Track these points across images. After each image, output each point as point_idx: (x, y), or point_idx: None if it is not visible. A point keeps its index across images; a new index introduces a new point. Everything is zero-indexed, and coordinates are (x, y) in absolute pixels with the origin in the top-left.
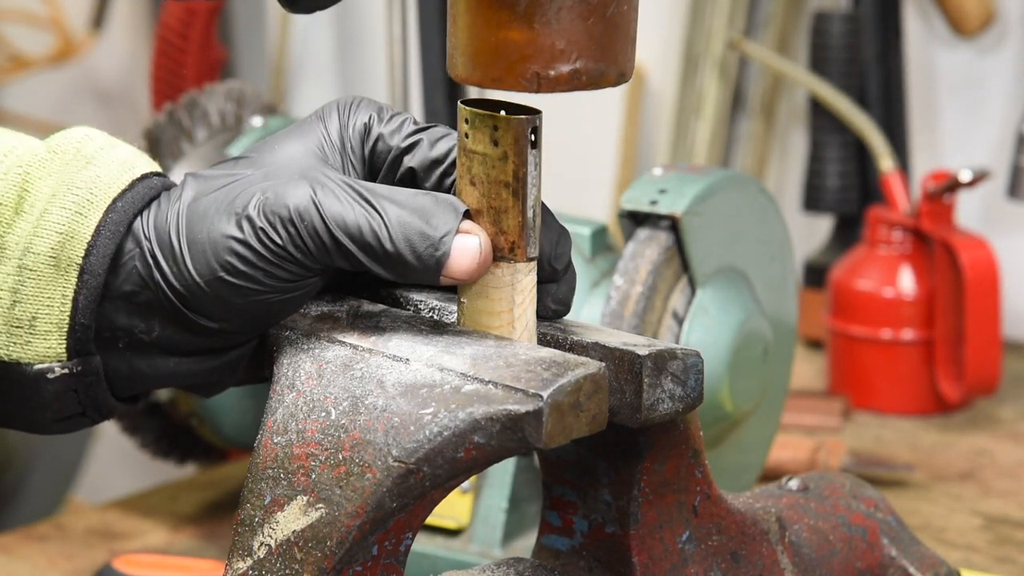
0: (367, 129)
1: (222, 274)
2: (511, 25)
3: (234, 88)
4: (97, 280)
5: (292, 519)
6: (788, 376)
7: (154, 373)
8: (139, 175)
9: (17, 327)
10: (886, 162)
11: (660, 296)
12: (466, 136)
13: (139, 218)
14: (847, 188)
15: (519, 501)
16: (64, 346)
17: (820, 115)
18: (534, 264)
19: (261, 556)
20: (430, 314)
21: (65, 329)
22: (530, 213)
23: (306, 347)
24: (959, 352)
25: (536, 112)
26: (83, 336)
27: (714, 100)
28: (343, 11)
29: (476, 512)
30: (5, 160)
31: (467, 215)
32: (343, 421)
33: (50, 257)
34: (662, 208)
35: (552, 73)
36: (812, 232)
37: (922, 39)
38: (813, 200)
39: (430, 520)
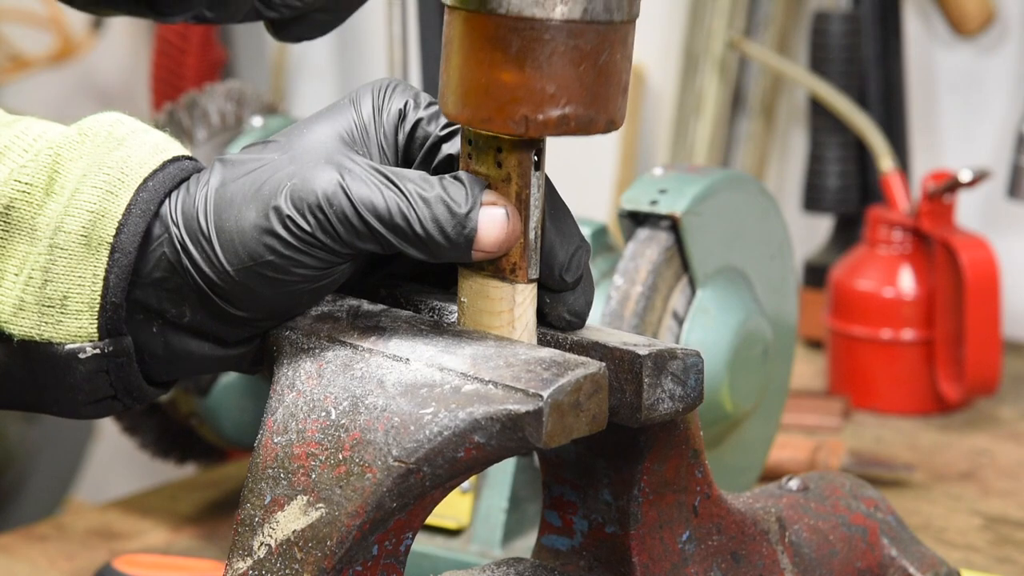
0: (402, 115)
1: (251, 264)
2: (503, 67)
3: (234, 88)
4: (128, 259)
5: (292, 519)
6: (788, 376)
7: (189, 357)
8: (170, 157)
9: (49, 307)
10: (886, 162)
11: (660, 296)
12: (469, 157)
13: (167, 202)
14: (847, 188)
15: (519, 501)
16: (95, 326)
17: (820, 115)
18: (535, 283)
19: (261, 556)
20: (430, 314)
21: (96, 308)
22: (532, 235)
23: (306, 347)
24: (959, 352)
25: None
26: (114, 315)
27: (714, 100)
28: None
29: (476, 512)
30: (36, 143)
31: (488, 187)
32: (343, 421)
33: (81, 236)
34: (662, 208)
35: (541, 117)
36: (812, 232)
37: (922, 39)
38: (813, 200)
39: (430, 520)
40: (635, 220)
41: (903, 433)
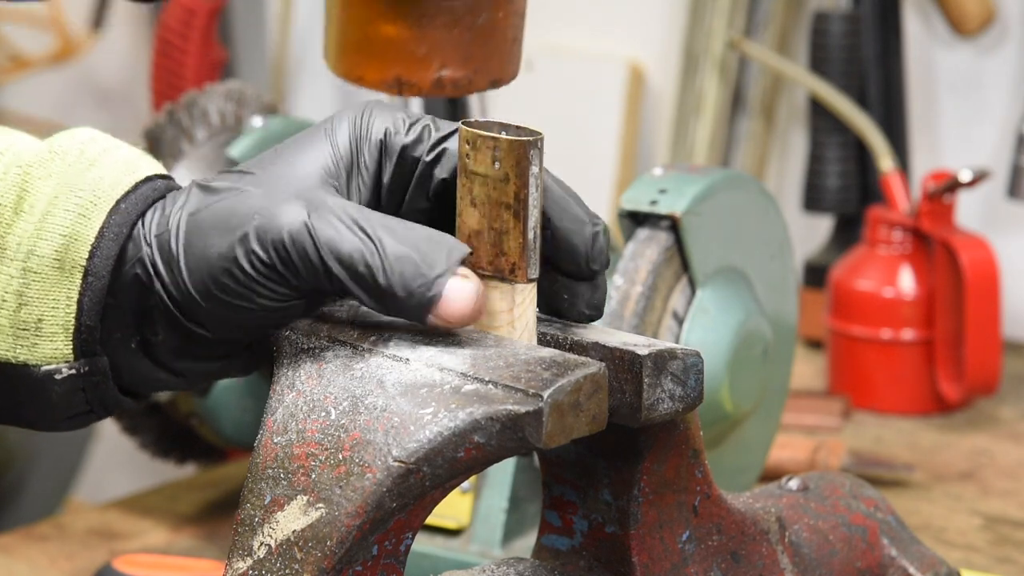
0: (383, 144)
1: (215, 291)
2: (377, 25)
3: (234, 88)
4: (101, 282)
5: (292, 519)
6: (788, 376)
7: (167, 373)
8: (143, 177)
9: (24, 330)
10: (886, 162)
11: (660, 296)
12: (467, 157)
13: (141, 222)
14: (847, 188)
15: (519, 501)
16: (71, 347)
17: (820, 115)
18: (534, 283)
19: (261, 556)
20: None
21: (71, 331)
22: (531, 235)
23: (306, 347)
24: (959, 352)
25: (538, 134)
26: (89, 337)
27: (714, 100)
28: None
29: (476, 512)
30: (2, 158)
31: (467, 259)
32: (343, 421)
33: (54, 260)
34: (662, 208)
35: (414, 79)
36: (812, 232)
37: (922, 39)
38: (813, 200)
39: (430, 520)
40: (635, 220)
41: (903, 433)
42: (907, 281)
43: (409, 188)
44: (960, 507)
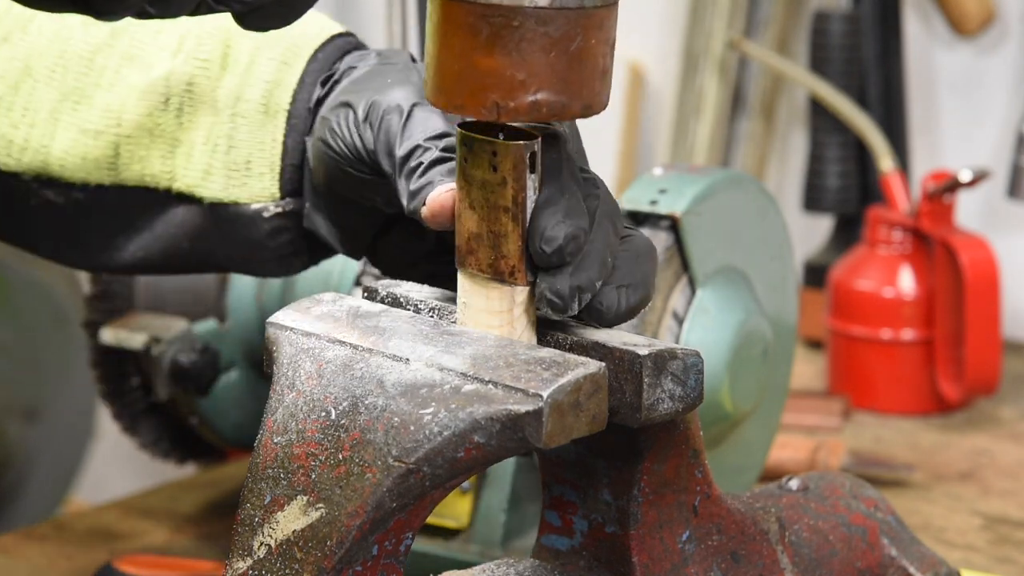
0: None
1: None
2: (474, 54)
3: None
4: (304, 124)
5: (292, 519)
6: (788, 376)
7: (348, 216)
8: (336, 32)
9: (234, 170)
10: (886, 162)
11: (660, 296)
12: (465, 161)
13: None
14: (847, 188)
15: (519, 501)
16: (277, 186)
17: (820, 115)
18: (534, 285)
19: (261, 556)
20: (430, 314)
21: (277, 171)
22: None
23: (306, 347)
24: (959, 352)
25: (535, 137)
26: (293, 176)
27: (714, 100)
28: (343, 10)
29: (476, 512)
30: (205, 23)
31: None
32: (343, 421)
33: (260, 104)
34: (662, 208)
35: (512, 103)
36: (812, 232)
37: (922, 39)
38: (813, 200)
39: (430, 520)
40: (635, 220)
41: (903, 433)
42: (907, 281)
43: None
44: (960, 507)
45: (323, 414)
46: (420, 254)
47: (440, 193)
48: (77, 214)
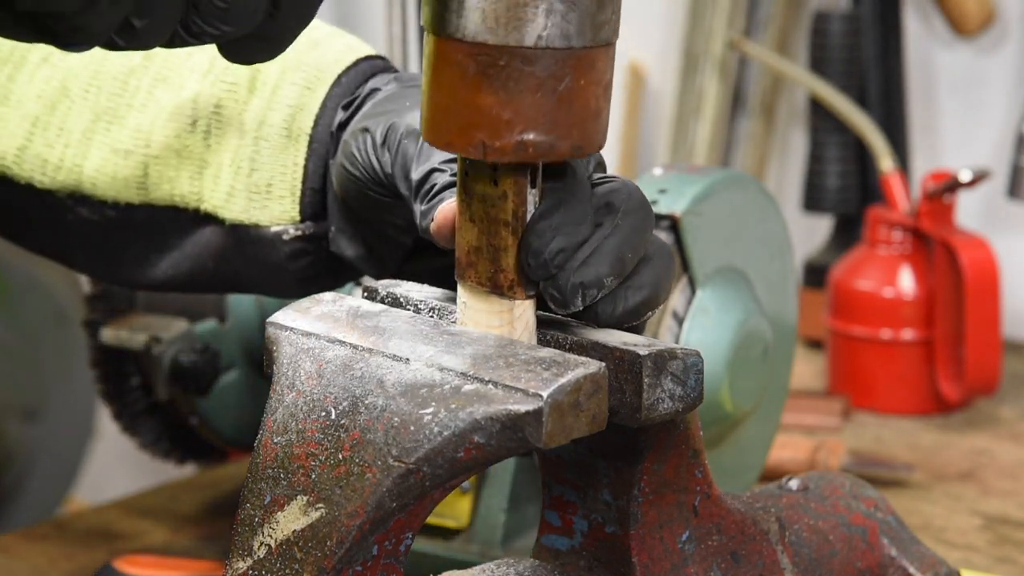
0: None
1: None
2: (461, 92)
3: None
4: (325, 148)
5: (292, 519)
6: (788, 376)
7: (374, 236)
8: (363, 55)
9: (255, 192)
10: (886, 162)
11: None
12: (466, 174)
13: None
14: (847, 188)
15: (519, 501)
16: (297, 209)
17: (820, 115)
18: (533, 298)
19: (261, 556)
20: (430, 314)
21: (298, 194)
22: None
23: (306, 347)
24: (959, 352)
25: None
26: (313, 200)
27: (714, 100)
28: (343, 10)
29: (476, 512)
30: None
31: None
32: (343, 421)
33: (283, 128)
34: (662, 208)
35: (498, 143)
36: (812, 232)
37: (922, 39)
38: (813, 200)
39: (430, 520)
40: None
41: (903, 433)
42: (907, 281)
43: None
44: (960, 507)
45: (323, 414)
46: (446, 277)
47: (445, 206)
48: (109, 231)
